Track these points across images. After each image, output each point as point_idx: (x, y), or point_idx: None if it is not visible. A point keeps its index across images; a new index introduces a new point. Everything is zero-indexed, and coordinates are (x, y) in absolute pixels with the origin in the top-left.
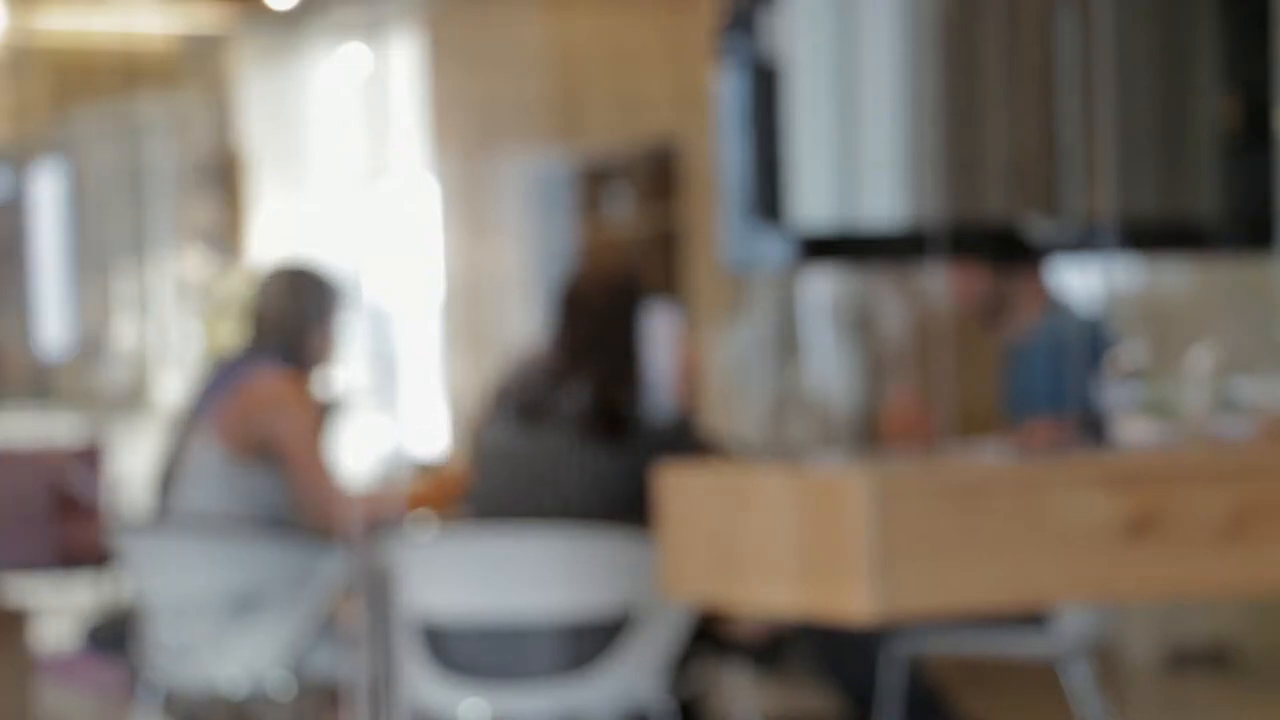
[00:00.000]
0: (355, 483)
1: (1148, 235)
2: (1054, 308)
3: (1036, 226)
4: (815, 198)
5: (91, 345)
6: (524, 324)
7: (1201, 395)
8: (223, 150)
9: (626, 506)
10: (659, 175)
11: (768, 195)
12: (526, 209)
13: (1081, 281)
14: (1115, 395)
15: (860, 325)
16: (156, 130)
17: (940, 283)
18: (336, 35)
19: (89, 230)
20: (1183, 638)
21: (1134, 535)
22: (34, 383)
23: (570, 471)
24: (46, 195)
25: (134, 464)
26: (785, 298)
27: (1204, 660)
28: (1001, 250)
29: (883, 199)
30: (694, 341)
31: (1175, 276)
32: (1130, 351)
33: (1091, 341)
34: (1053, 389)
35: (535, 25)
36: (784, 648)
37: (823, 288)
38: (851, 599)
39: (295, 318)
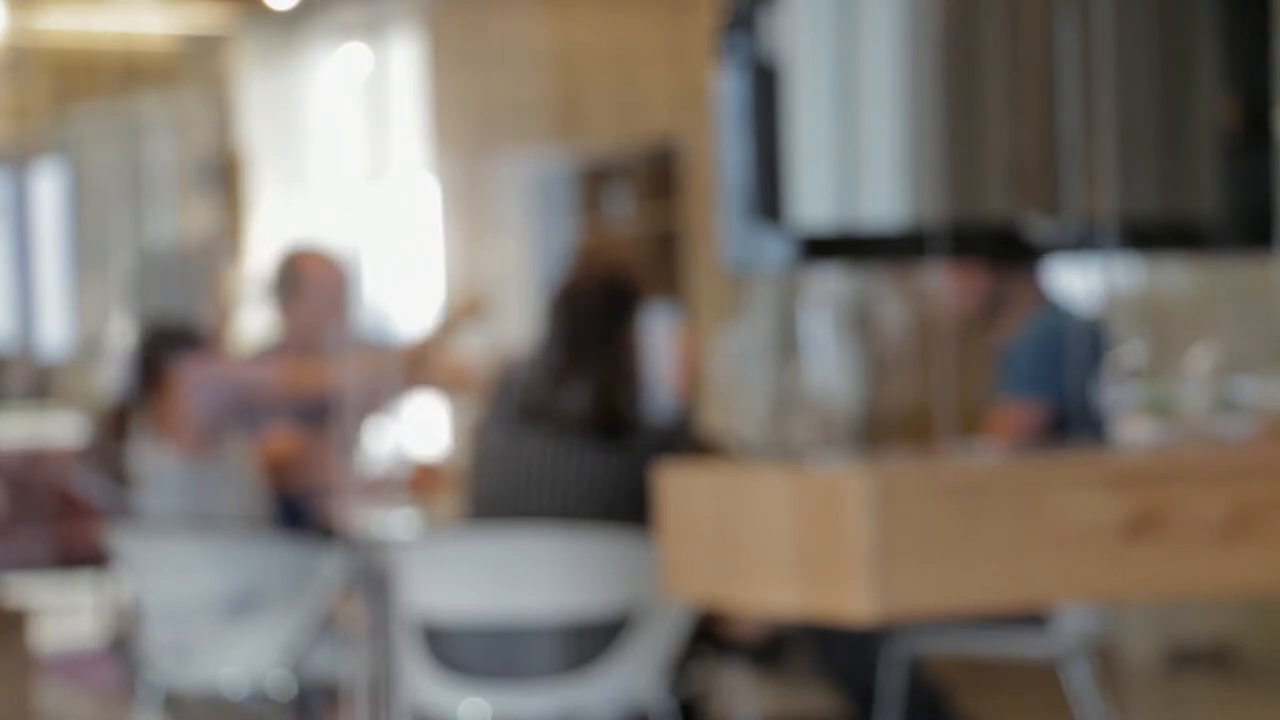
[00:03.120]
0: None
1: (1148, 235)
2: (1047, 308)
3: (1036, 226)
4: (815, 198)
5: (91, 345)
6: (524, 324)
7: (1201, 395)
8: (223, 150)
9: (626, 506)
10: (659, 175)
11: (768, 195)
12: (526, 209)
13: (1081, 281)
14: (1115, 395)
15: (860, 325)
16: (156, 130)
17: (941, 282)
18: (336, 35)
19: (89, 230)
20: (1183, 638)
21: (1134, 535)
22: (34, 383)
23: (570, 471)
24: (46, 195)
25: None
26: (785, 298)
27: (1204, 660)
28: (1001, 250)
29: (883, 199)
30: (694, 341)
31: (1175, 276)
32: (1130, 351)
33: (1090, 341)
34: (1033, 381)
35: (535, 25)
36: (784, 648)
37: (823, 288)
38: (851, 599)
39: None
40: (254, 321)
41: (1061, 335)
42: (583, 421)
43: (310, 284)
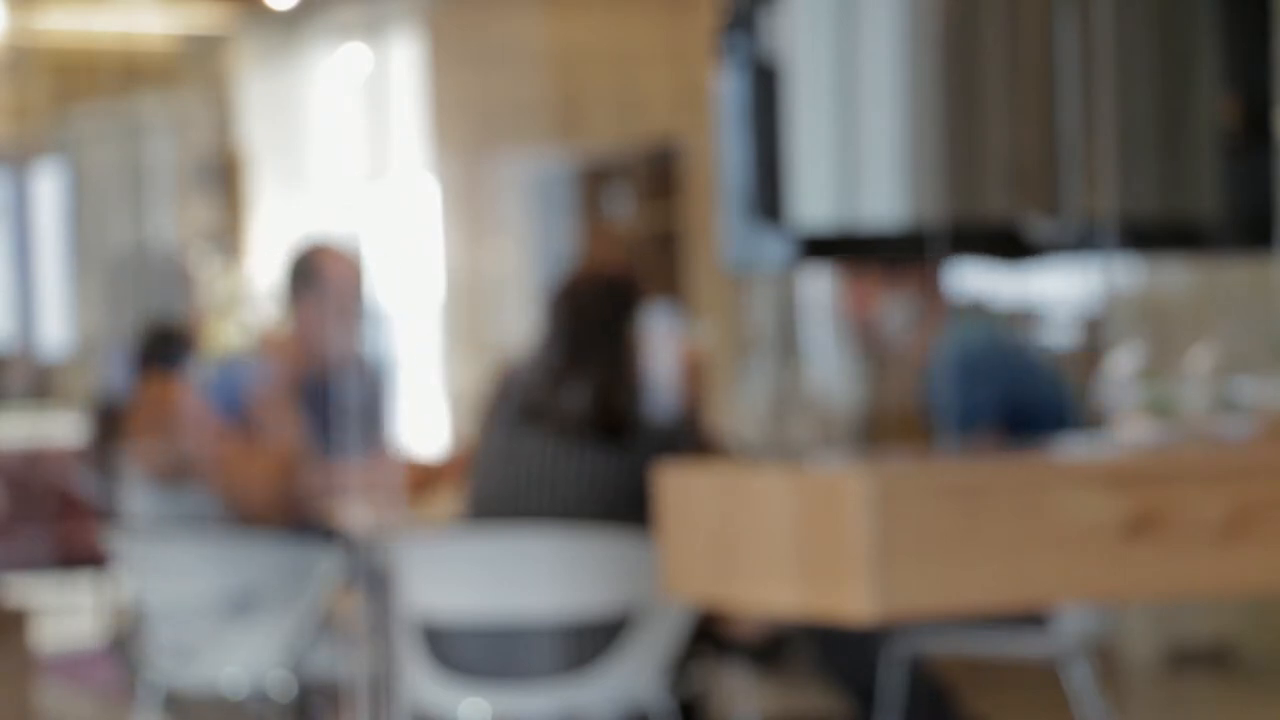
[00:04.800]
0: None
1: (1148, 235)
2: (955, 319)
3: (1036, 226)
4: (815, 198)
5: (91, 345)
6: (524, 324)
7: (1201, 395)
8: (223, 150)
9: (626, 506)
10: (659, 175)
11: (768, 195)
12: (526, 209)
13: (1082, 281)
14: (1115, 395)
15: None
16: (156, 130)
17: (838, 301)
18: (336, 35)
19: (89, 230)
20: (1183, 638)
21: (1134, 535)
22: (34, 383)
23: (570, 471)
24: (46, 195)
25: None
26: (785, 298)
27: (1204, 660)
28: (1001, 250)
29: (883, 199)
30: (695, 340)
31: (1175, 276)
32: (1130, 351)
33: (1006, 349)
34: (966, 415)
35: (535, 25)
36: (784, 648)
37: (823, 288)
38: (851, 599)
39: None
40: (259, 319)
41: (976, 353)
42: (583, 421)
43: (327, 281)
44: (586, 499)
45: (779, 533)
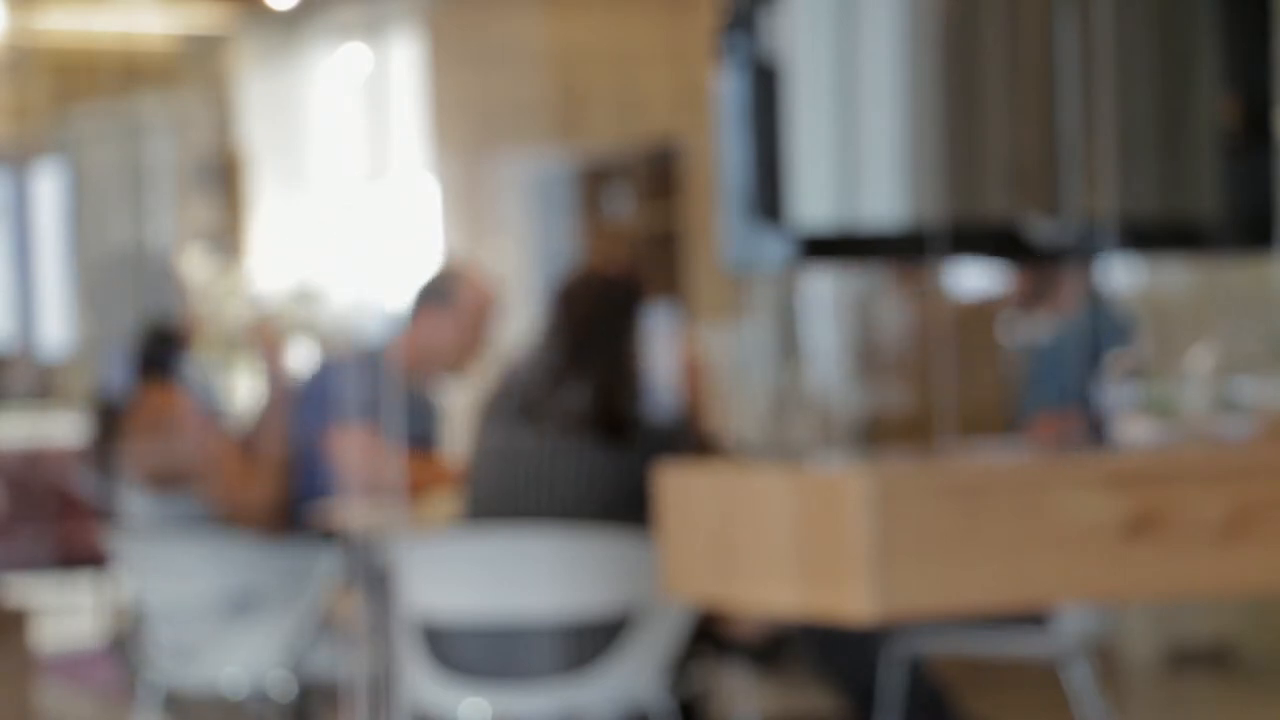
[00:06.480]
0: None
1: (1148, 235)
2: (1088, 306)
3: (1036, 226)
4: (815, 198)
5: (92, 345)
6: (524, 324)
7: (1201, 395)
8: (223, 150)
9: (626, 506)
10: (659, 175)
11: (768, 195)
12: (526, 209)
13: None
14: (1115, 395)
15: (860, 325)
16: (156, 130)
17: (945, 281)
18: (336, 35)
19: (89, 230)
20: (1183, 638)
21: (1134, 535)
22: (34, 383)
23: (569, 471)
24: (46, 195)
25: None
26: (785, 298)
27: (1204, 660)
28: (1001, 250)
29: (883, 199)
30: (696, 340)
31: (1175, 276)
32: (1130, 351)
33: (1114, 341)
34: (1063, 386)
35: (535, 25)
36: (784, 648)
37: (823, 288)
38: (851, 599)
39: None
40: (253, 316)
41: (1087, 338)
42: (583, 421)
43: (460, 302)
44: (586, 499)
45: (779, 533)
